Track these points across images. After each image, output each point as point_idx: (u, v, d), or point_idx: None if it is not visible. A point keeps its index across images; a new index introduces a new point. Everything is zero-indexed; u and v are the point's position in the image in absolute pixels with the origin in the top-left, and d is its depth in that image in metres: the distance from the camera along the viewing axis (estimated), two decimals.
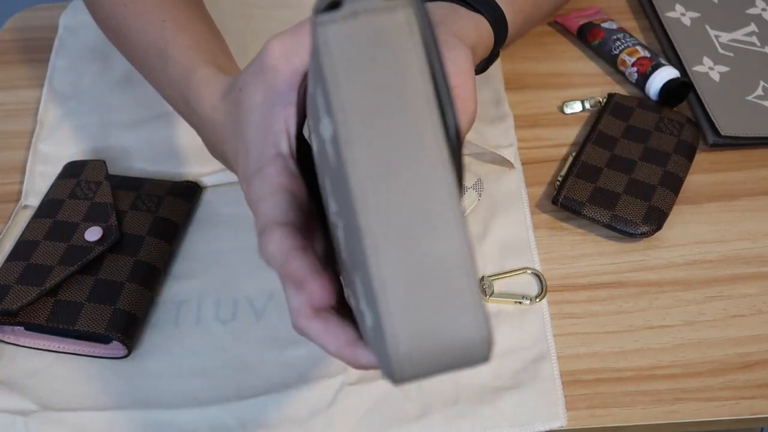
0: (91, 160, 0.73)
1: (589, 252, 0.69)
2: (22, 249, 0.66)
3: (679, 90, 0.78)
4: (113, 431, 0.59)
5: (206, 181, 0.74)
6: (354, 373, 0.62)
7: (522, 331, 0.64)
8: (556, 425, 0.59)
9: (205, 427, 0.59)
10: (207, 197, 0.74)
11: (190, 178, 0.74)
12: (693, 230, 0.70)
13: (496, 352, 0.62)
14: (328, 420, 0.60)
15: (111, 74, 0.84)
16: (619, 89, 0.81)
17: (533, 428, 0.59)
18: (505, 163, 0.74)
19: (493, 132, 0.75)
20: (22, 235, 0.68)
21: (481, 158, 0.74)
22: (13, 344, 0.64)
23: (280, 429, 0.59)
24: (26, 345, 0.64)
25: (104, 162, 0.73)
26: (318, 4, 0.36)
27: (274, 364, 0.62)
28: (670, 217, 0.70)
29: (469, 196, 0.70)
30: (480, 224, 0.70)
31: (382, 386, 0.61)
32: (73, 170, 0.73)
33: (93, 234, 0.66)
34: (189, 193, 0.72)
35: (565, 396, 0.60)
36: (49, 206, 0.70)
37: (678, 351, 0.62)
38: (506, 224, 0.70)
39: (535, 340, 0.63)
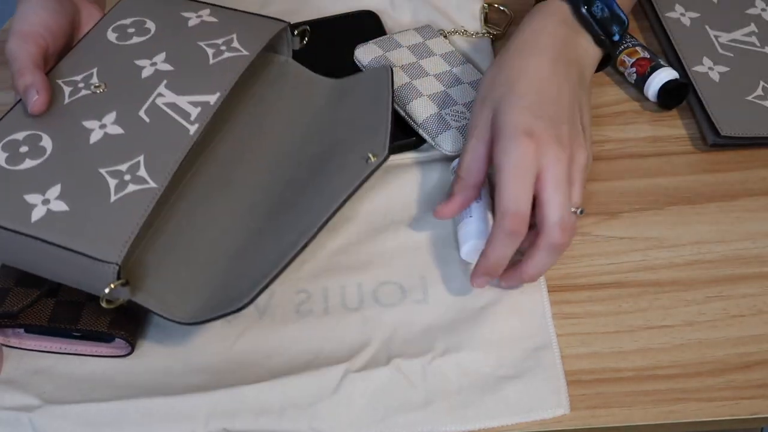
0: None
1: (589, 252, 0.69)
2: None
3: (678, 91, 0.78)
4: (115, 422, 0.60)
5: None
6: (358, 361, 0.62)
7: (523, 319, 0.64)
8: (559, 413, 0.59)
9: (205, 412, 0.60)
10: None
11: None
12: (693, 230, 0.70)
13: (498, 341, 0.63)
14: (333, 406, 0.60)
15: None
16: (618, 90, 0.81)
17: (537, 416, 0.59)
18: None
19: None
20: None
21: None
22: (15, 348, 0.64)
23: (284, 415, 0.59)
24: (29, 348, 0.64)
25: None
26: None
27: (279, 360, 0.63)
28: (670, 217, 0.70)
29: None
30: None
31: (386, 374, 0.61)
32: None
33: None
34: None
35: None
36: None
37: (678, 351, 0.62)
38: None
39: (535, 329, 0.63)
